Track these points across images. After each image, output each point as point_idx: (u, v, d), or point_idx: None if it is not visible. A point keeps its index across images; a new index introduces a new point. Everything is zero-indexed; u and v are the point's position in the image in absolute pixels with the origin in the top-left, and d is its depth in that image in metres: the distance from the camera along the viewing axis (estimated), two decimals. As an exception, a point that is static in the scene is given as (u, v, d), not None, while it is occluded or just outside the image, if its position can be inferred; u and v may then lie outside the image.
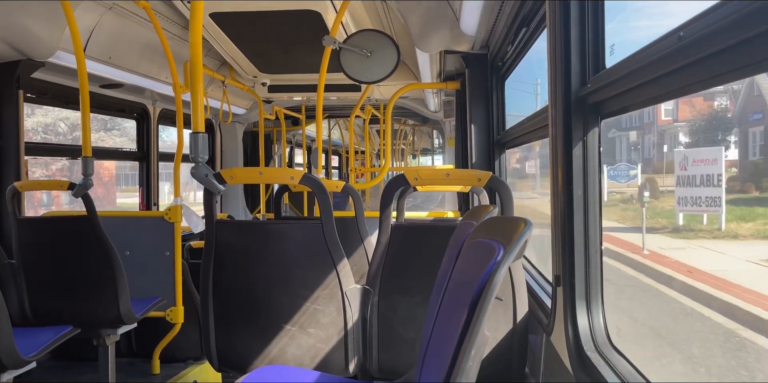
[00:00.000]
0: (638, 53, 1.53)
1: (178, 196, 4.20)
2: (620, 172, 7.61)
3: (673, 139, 6.54)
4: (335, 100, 7.39)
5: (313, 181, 2.68)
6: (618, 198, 8.49)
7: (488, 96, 4.46)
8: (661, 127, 6.90)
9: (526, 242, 1.24)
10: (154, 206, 6.03)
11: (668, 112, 6.43)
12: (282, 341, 2.74)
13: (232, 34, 4.83)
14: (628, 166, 7.68)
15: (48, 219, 3.84)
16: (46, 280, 3.51)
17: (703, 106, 6.64)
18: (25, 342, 2.90)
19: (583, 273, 1.92)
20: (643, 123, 7.30)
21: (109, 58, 4.55)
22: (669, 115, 6.51)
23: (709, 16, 1.16)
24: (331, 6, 4.16)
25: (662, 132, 6.68)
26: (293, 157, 11.13)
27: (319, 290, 2.70)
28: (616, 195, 8.35)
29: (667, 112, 6.43)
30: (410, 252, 2.73)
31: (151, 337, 4.21)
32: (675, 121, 6.60)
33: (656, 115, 6.16)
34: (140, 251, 4.09)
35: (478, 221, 1.82)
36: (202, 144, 2.59)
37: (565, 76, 1.95)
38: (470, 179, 2.74)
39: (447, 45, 4.20)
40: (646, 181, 7.53)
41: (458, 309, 1.29)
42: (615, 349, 1.86)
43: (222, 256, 2.73)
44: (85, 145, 3.63)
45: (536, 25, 3.10)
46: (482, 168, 4.43)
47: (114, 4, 4.18)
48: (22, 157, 4.02)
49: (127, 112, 5.87)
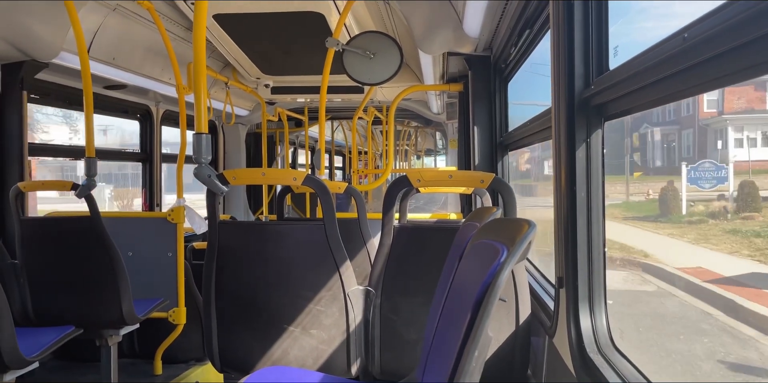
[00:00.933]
0: (642, 54, 1.52)
1: (180, 197, 4.21)
2: (705, 173, 5.62)
3: (720, 134, 5.63)
4: (338, 101, 7.39)
5: (315, 182, 2.68)
6: (702, 211, 6.09)
7: (491, 98, 4.45)
8: (704, 121, 5.83)
9: (530, 244, 1.24)
10: (157, 207, 6.04)
11: (711, 104, 5.50)
12: (284, 342, 2.73)
13: (236, 36, 4.83)
14: (716, 165, 5.63)
15: (51, 220, 3.84)
16: (48, 280, 3.51)
17: (753, 97, 5.46)
18: (28, 342, 2.91)
19: (586, 275, 1.92)
20: (680, 117, 6.16)
21: (113, 59, 4.56)
22: (712, 106, 5.60)
23: (715, 16, 1.15)
24: (335, 8, 4.17)
25: (705, 126, 5.81)
26: (296, 159, 11.14)
27: (322, 291, 2.70)
28: (698, 206, 6.20)
29: (710, 103, 5.53)
30: (413, 253, 2.73)
31: (153, 338, 4.21)
32: (720, 113, 5.68)
33: (697, 107, 5.31)
34: (143, 252, 4.10)
35: (482, 222, 1.82)
36: (206, 144, 2.59)
37: (569, 78, 1.95)
38: (473, 181, 2.74)
39: (450, 47, 4.19)
40: (742, 185, 5.59)
41: (462, 310, 1.29)
42: (618, 351, 1.86)
43: (224, 257, 2.73)
44: (89, 146, 3.63)
45: (540, 26, 3.10)
46: (485, 170, 4.43)
47: (118, 5, 4.19)
48: (26, 157, 4.03)
49: (130, 113, 5.88)
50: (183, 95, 4.44)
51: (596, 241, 1.93)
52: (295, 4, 4.11)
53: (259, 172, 3.01)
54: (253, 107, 7.58)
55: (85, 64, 3.62)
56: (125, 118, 5.97)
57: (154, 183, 6.03)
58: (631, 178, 6.32)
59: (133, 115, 5.92)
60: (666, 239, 6.39)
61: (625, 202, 5.97)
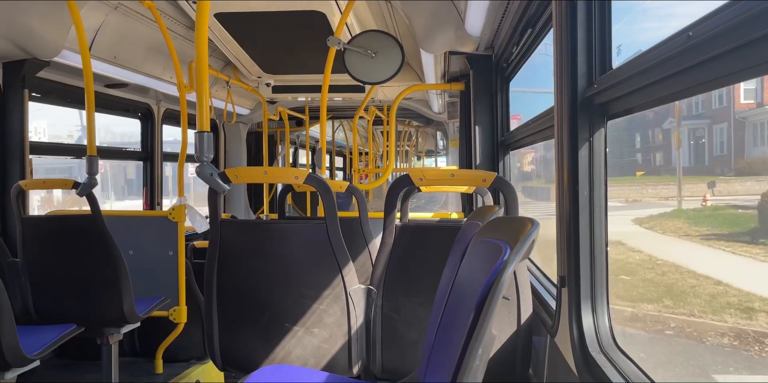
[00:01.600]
0: (646, 53, 1.52)
1: (182, 196, 4.21)
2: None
3: (761, 129, 4.53)
4: (339, 100, 7.39)
5: (317, 181, 2.68)
6: None
7: (493, 97, 4.45)
8: (741, 113, 4.71)
9: (534, 242, 1.24)
10: (158, 206, 6.04)
11: (749, 94, 4.52)
12: (285, 341, 2.73)
13: (237, 35, 4.83)
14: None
15: (52, 218, 3.84)
16: (50, 279, 3.51)
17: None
18: (29, 340, 2.91)
19: (588, 274, 1.92)
20: (710, 110, 5.15)
21: (114, 57, 4.56)
22: (750, 96, 4.67)
23: (720, 15, 1.15)
24: (336, 7, 4.16)
25: (742, 119, 4.75)
26: (297, 158, 11.14)
27: (323, 290, 2.69)
28: None
29: (747, 93, 4.56)
30: (414, 252, 2.73)
31: (154, 337, 4.22)
32: (760, 104, 4.59)
33: (732, 98, 4.36)
34: (144, 250, 4.10)
35: (484, 221, 1.82)
36: (207, 143, 2.59)
37: (572, 77, 1.95)
38: (475, 180, 2.74)
39: (451, 46, 4.19)
40: None
41: (465, 308, 1.29)
42: (620, 350, 1.86)
43: (226, 256, 2.73)
44: (90, 145, 3.63)
45: (542, 25, 3.10)
46: (486, 169, 4.42)
47: (119, 3, 4.19)
48: (27, 156, 4.03)
49: (131, 112, 5.88)
50: (184, 94, 4.44)
51: (598, 240, 1.93)
52: (297, 4, 4.11)
53: (261, 171, 3.01)
54: (254, 106, 7.58)
55: (86, 63, 3.62)
56: (126, 116, 5.97)
57: (155, 182, 6.03)
58: (648, 179, 4.94)
59: (134, 113, 5.92)
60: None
61: (680, 211, 4.32)
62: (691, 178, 4.51)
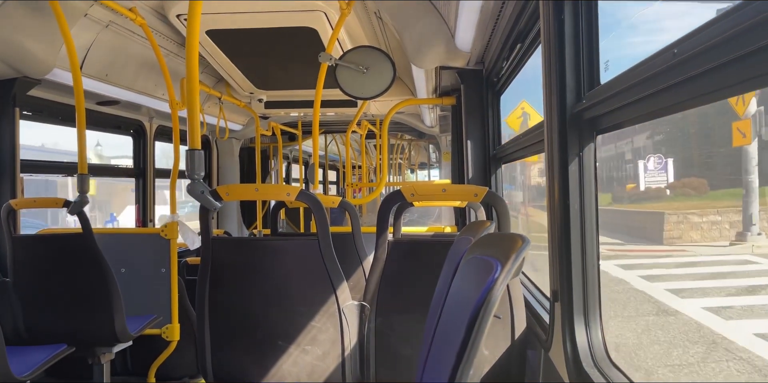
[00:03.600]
0: (633, 69, 1.54)
1: (174, 213, 4.19)
2: None
3: None
4: (332, 115, 7.41)
5: (309, 198, 2.67)
6: None
7: (484, 111, 4.47)
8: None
9: (524, 259, 1.24)
10: (150, 223, 6.01)
11: None
12: (278, 358, 2.71)
13: (229, 51, 4.85)
14: None
15: (43, 237, 3.82)
16: (40, 298, 3.48)
17: None
18: (19, 361, 2.87)
19: (581, 288, 1.92)
20: None
21: (106, 75, 4.56)
22: None
23: (704, 32, 1.16)
24: (327, 23, 4.19)
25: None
26: (290, 173, 11.14)
27: (316, 307, 2.68)
28: None
29: None
30: (407, 268, 2.72)
31: (146, 355, 4.18)
32: None
33: None
34: (136, 268, 4.07)
35: (475, 237, 1.81)
36: (198, 161, 2.58)
37: (560, 92, 1.96)
38: (467, 195, 2.74)
39: (442, 61, 4.21)
40: None
41: (456, 326, 1.28)
42: (614, 365, 1.85)
43: (218, 273, 2.72)
44: (81, 162, 3.62)
45: (531, 41, 3.12)
46: (478, 183, 4.43)
47: (110, 21, 4.19)
48: (18, 174, 4.01)
49: (123, 129, 5.87)
50: (176, 110, 4.44)
51: (590, 254, 1.93)
52: (288, 20, 4.13)
53: (253, 188, 3.00)
54: (246, 122, 7.58)
55: (77, 81, 3.62)
56: (118, 133, 5.96)
57: (147, 198, 6.00)
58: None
59: (127, 130, 5.91)
60: None
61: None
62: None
